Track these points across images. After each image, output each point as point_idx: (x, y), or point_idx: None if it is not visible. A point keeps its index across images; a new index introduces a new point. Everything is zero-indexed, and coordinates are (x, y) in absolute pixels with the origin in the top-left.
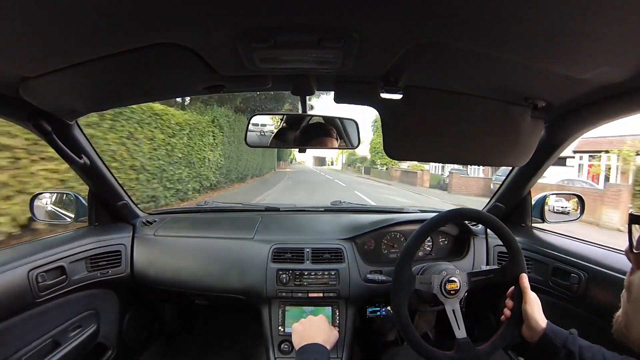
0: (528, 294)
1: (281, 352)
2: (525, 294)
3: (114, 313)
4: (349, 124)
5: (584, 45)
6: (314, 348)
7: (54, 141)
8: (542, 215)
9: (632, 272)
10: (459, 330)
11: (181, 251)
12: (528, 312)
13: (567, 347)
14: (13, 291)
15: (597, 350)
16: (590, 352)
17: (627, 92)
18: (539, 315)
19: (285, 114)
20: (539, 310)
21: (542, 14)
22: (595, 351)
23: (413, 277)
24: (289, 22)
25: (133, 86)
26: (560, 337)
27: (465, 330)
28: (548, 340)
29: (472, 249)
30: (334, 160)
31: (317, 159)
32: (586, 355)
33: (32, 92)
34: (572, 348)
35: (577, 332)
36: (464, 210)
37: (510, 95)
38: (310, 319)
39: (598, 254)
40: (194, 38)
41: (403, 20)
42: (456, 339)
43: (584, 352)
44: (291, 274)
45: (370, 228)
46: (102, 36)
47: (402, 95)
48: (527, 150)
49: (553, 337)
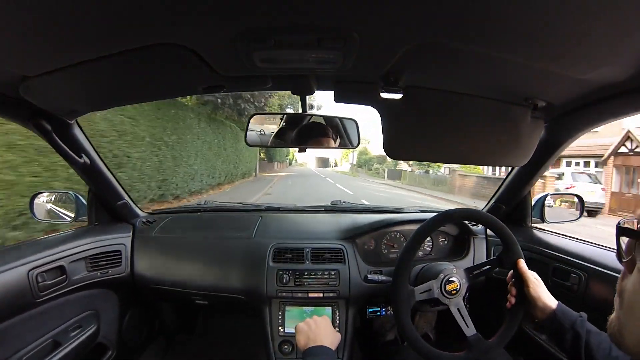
0: (528, 276)
1: (281, 352)
2: (525, 278)
3: (114, 313)
4: (349, 123)
5: (584, 45)
6: (321, 350)
7: (54, 141)
8: (542, 215)
9: (624, 277)
10: (468, 328)
11: (181, 251)
12: (532, 294)
13: (574, 329)
14: (13, 291)
15: (605, 337)
16: (597, 338)
17: (627, 92)
18: (546, 295)
19: (285, 113)
20: (545, 289)
21: (542, 14)
22: (602, 338)
23: (412, 292)
24: (289, 22)
25: (133, 86)
26: (569, 318)
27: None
28: (556, 320)
29: (472, 248)
30: (337, 161)
31: (320, 160)
32: (593, 340)
33: (33, 92)
34: (580, 330)
35: (586, 316)
36: (464, 210)
37: (510, 95)
38: (315, 319)
39: (598, 254)
40: (194, 38)
41: (403, 21)
42: (467, 337)
43: (591, 336)
44: (291, 274)
45: (371, 228)
46: (102, 36)
47: (402, 95)
48: (527, 150)
49: (562, 318)
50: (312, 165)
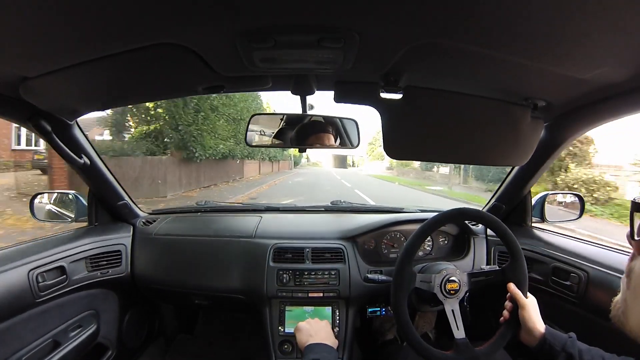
0: (520, 300)
1: (281, 352)
2: (518, 301)
3: (114, 313)
4: (349, 123)
5: (584, 45)
6: (323, 348)
7: (54, 141)
8: (542, 215)
9: (633, 258)
10: (458, 331)
11: (181, 251)
12: (525, 316)
13: (566, 351)
14: (13, 291)
15: (596, 352)
16: (589, 355)
17: (627, 92)
18: (537, 319)
19: (285, 114)
20: (537, 314)
21: (542, 14)
22: (594, 353)
23: (414, 275)
24: (289, 22)
25: (133, 86)
26: (559, 340)
27: (465, 331)
28: (547, 344)
29: (472, 248)
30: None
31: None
32: (585, 357)
33: (32, 92)
34: (572, 351)
35: (575, 336)
36: (466, 210)
37: (510, 95)
38: (317, 320)
39: (598, 253)
40: (194, 38)
41: (403, 21)
42: (455, 339)
43: (583, 354)
44: (291, 274)
45: (371, 228)
46: (102, 36)
47: (402, 95)
48: (527, 150)
49: (552, 341)
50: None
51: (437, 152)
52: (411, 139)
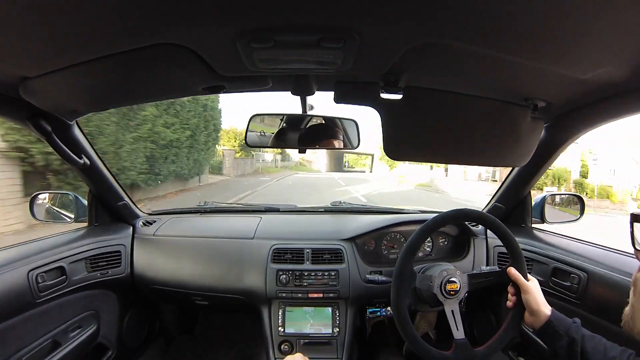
0: (522, 284)
1: (281, 352)
2: (520, 285)
3: (114, 313)
4: (349, 124)
5: (584, 45)
6: None
7: (54, 141)
8: (542, 216)
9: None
10: (457, 331)
11: (181, 251)
12: (529, 299)
13: (569, 335)
14: (13, 291)
15: (599, 340)
16: (592, 342)
17: (627, 92)
18: (541, 301)
19: (285, 114)
20: (541, 296)
21: (542, 14)
22: (596, 341)
23: (414, 275)
24: (289, 22)
25: (133, 86)
26: (563, 324)
27: (464, 331)
28: (551, 327)
29: (472, 249)
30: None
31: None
32: (588, 344)
33: (32, 92)
34: (575, 336)
35: (580, 322)
36: (466, 210)
37: (510, 96)
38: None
39: (598, 254)
40: (194, 38)
41: (403, 21)
42: (454, 339)
43: (586, 341)
44: (291, 275)
45: (370, 228)
46: (102, 36)
47: (402, 96)
48: (527, 150)
49: (556, 324)
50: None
51: (437, 152)
52: (411, 139)
